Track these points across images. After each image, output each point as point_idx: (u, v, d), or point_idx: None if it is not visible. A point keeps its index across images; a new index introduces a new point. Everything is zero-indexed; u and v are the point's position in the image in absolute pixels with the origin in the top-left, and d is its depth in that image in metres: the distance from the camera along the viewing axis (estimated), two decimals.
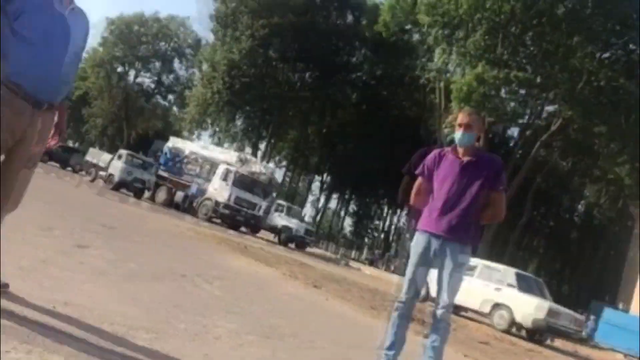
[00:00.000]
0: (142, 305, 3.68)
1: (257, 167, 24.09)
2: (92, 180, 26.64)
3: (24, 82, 2.45)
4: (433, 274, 3.50)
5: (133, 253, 6.13)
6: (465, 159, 3.43)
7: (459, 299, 5.97)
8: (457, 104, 27.87)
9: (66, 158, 33.16)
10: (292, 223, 25.31)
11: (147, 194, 25.07)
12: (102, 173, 26.57)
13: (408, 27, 37.83)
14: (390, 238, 51.85)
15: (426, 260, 3.43)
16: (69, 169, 32.79)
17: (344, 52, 44.19)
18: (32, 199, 3.60)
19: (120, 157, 25.32)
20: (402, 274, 3.66)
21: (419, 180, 3.60)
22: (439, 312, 3.40)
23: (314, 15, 40.97)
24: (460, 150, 3.49)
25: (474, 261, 12.11)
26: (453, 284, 3.37)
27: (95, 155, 30.42)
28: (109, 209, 12.95)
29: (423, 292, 5.13)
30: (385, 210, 53.91)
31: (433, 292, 3.58)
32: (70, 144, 52.68)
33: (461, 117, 3.53)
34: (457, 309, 12.51)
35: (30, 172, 2.74)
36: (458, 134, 3.49)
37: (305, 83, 45.23)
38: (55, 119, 2.80)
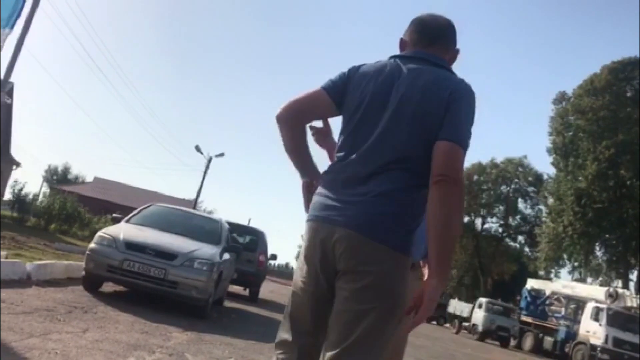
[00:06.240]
0: None
1: (633, 301, 21.19)
2: (457, 332, 26.95)
3: None
4: None
5: None
6: None
7: None
8: None
9: None
10: None
11: (512, 342, 24.09)
12: (465, 324, 26.78)
13: None
14: None
15: None
16: (434, 322, 33.99)
17: None
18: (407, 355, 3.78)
19: (480, 305, 25.32)
20: None
21: None
22: None
23: None
24: None
25: None
26: None
27: (457, 307, 31.01)
28: None
29: None
30: None
31: None
32: None
33: None
34: None
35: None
36: None
37: None
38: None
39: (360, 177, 1.80)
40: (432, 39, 1.97)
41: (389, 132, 1.82)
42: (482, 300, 26.44)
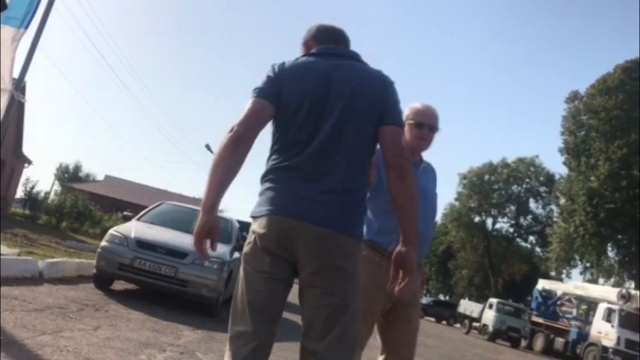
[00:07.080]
0: None
1: None
2: (467, 332, 26.86)
3: (387, 246, 2.64)
4: None
5: None
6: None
7: None
8: None
9: (440, 312, 34.61)
10: None
11: (523, 342, 23.97)
12: (475, 324, 26.67)
13: None
14: None
15: None
16: (444, 322, 33.89)
17: None
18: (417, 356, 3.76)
19: (491, 306, 25.22)
20: None
21: None
22: None
23: None
24: None
25: None
26: None
27: (467, 307, 30.90)
28: None
29: None
30: None
31: None
32: (441, 297, 54.97)
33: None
34: None
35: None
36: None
37: None
38: None
39: (318, 173, 1.92)
40: (337, 38, 2.20)
41: (338, 128, 1.96)
42: (493, 300, 26.31)
